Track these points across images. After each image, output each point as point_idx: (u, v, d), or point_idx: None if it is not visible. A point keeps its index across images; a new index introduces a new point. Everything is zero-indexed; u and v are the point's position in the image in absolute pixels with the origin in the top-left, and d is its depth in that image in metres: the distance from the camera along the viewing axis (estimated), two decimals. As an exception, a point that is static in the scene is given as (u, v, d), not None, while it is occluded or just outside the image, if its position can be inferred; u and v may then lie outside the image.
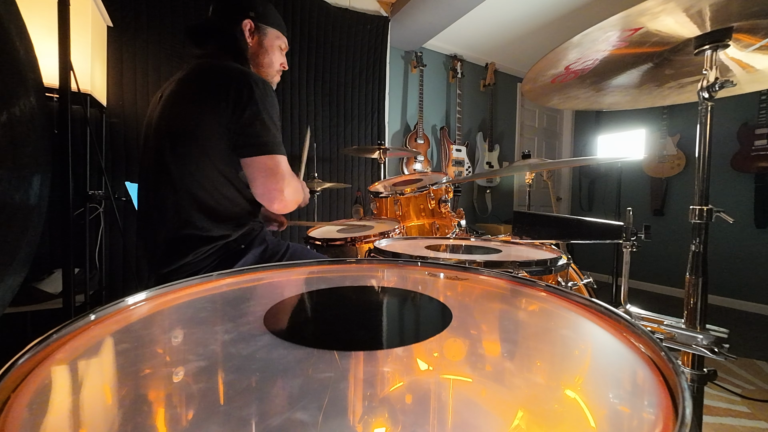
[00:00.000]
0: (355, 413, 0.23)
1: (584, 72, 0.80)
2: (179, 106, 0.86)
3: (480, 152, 3.66)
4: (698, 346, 0.65)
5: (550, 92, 0.90)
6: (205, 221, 0.84)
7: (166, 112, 0.87)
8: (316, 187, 1.94)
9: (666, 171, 3.41)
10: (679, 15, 0.59)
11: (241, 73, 0.84)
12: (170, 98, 0.87)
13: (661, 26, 0.63)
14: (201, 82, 0.85)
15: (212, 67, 0.86)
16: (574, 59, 0.74)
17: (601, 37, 0.66)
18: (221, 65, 0.87)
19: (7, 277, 0.66)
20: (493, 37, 3.35)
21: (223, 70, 0.85)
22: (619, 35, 0.66)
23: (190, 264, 0.84)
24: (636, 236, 0.75)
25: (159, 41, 1.91)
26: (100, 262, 1.70)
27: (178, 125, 0.84)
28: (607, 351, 0.34)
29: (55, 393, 0.26)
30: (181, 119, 0.84)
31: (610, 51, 0.72)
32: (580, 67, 0.77)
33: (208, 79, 0.84)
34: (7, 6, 0.62)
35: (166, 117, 0.86)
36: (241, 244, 0.89)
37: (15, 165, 0.65)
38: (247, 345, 0.32)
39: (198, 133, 0.83)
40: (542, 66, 0.78)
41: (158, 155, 0.86)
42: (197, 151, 0.83)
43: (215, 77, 0.84)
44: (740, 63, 0.75)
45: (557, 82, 0.84)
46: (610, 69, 0.80)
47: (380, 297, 0.50)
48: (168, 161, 0.84)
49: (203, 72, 0.86)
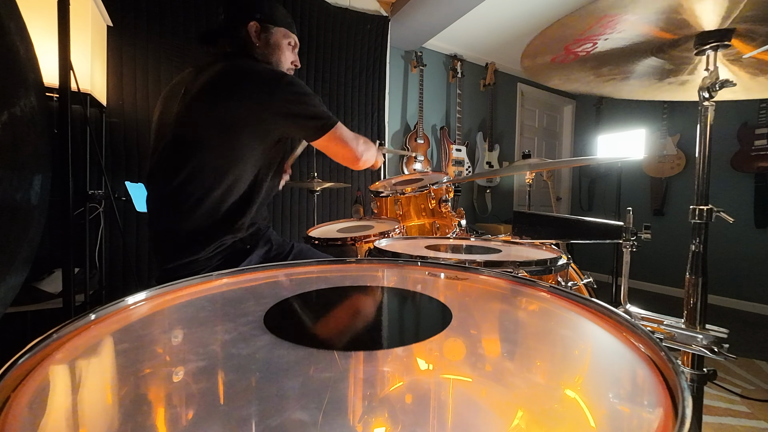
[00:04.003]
0: (355, 413, 0.23)
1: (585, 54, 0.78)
2: (202, 109, 0.86)
3: (480, 152, 3.66)
4: (698, 346, 0.65)
5: (550, 71, 0.88)
6: (215, 221, 0.85)
7: (187, 115, 0.87)
8: (316, 187, 1.94)
9: (666, 171, 3.40)
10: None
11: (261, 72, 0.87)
12: (192, 100, 0.87)
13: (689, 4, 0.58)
14: (230, 80, 0.86)
15: (236, 66, 0.88)
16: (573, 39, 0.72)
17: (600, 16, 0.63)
18: (244, 64, 0.89)
19: (9, 277, 0.66)
20: (493, 37, 3.35)
21: (247, 69, 0.87)
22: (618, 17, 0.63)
23: (196, 261, 0.84)
24: (636, 236, 0.75)
25: (159, 41, 1.91)
26: (100, 262, 1.70)
27: (200, 127, 0.85)
28: (607, 351, 0.34)
29: (55, 392, 0.26)
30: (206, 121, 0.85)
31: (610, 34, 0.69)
32: (580, 49, 0.75)
33: (237, 78, 0.86)
34: (7, 5, 0.62)
35: (188, 119, 0.86)
36: (247, 244, 0.90)
37: (16, 165, 0.65)
38: (247, 345, 0.33)
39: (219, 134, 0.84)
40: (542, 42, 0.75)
41: (171, 153, 0.86)
42: (212, 152, 0.84)
43: (243, 76, 0.86)
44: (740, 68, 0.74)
45: (557, 61, 0.82)
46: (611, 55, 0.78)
47: (380, 297, 0.50)
48: (180, 159, 0.84)
49: (229, 71, 0.87)
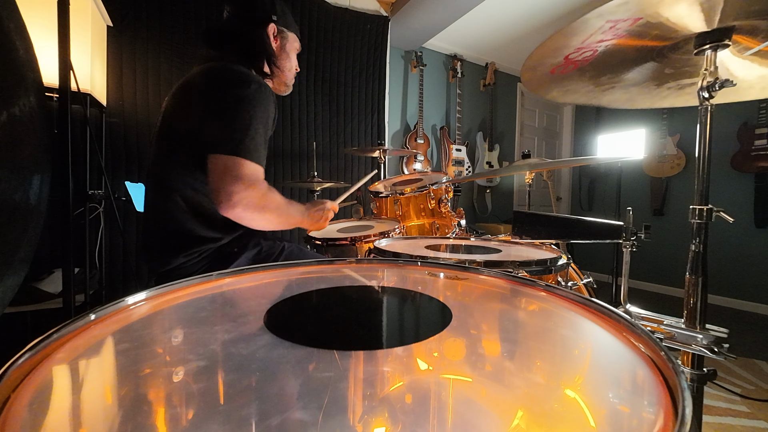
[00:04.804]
0: (355, 413, 0.23)
1: (584, 64, 0.79)
2: (180, 109, 0.86)
3: (480, 152, 3.66)
4: (698, 345, 0.65)
5: (549, 83, 0.89)
6: (197, 224, 0.85)
7: (168, 114, 0.87)
8: (316, 187, 1.93)
9: (666, 171, 3.40)
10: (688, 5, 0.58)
11: (240, 74, 0.83)
12: (172, 101, 0.88)
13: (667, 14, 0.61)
14: (202, 84, 0.85)
15: (214, 69, 0.86)
16: (573, 48, 0.72)
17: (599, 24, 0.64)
18: (225, 67, 0.85)
19: (7, 277, 0.66)
20: (493, 37, 3.35)
21: (222, 72, 0.84)
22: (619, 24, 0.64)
23: (184, 267, 0.84)
24: (636, 236, 0.75)
25: (159, 41, 1.91)
26: (100, 262, 1.70)
27: (177, 128, 0.85)
28: (607, 351, 0.34)
29: (55, 392, 0.26)
30: (181, 122, 0.85)
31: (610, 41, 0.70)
32: (580, 58, 0.76)
33: (208, 82, 0.84)
34: (7, 5, 0.62)
35: (168, 119, 0.87)
36: (234, 247, 0.89)
37: (15, 165, 0.65)
38: (247, 345, 0.32)
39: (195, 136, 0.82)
40: (542, 53, 0.75)
41: (157, 157, 0.87)
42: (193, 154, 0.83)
43: (215, 79, 0.84)
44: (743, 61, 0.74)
45: (557, 72, 0.83)
46: (610, 63, 0.78)
47: (380, 297, 0.50)
48: (164, 162, 0.85)
49: (205, 74, 0.86)
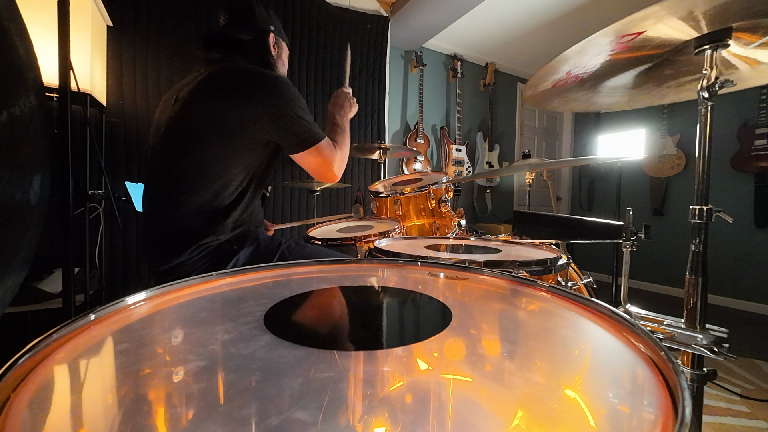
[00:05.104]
0: (355, 413, 0.23)
1: (585, 76, 0.80)
2: (197, 107, 0.87)
3: (480, 152, 3.66)
4: (698, 345, 0.65)
5: (551, 96, 0.91)
6: (200, 223, 0.85)
7: (181, 113, 0.88)
8: (316, 187, 1.94)
9: (666, 171, 3.40)
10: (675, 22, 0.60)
11: (262, 74, 0.87)
12: (188, 99, 0.88)
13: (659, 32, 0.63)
14: (225, 83, 0.87)
15: (235, 68, 0.89)
16: (575, 65, 0.74)
17: (603, 43, 0.66)
18: (244, 67, 0.90)
19: (8, 277, 0.66)
20: (493, 37, 3.35)
21: (246, 72, 0.88)
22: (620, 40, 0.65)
23: (184, 264, 0.85)
24: (636, 236, 0.75)
25: (159, 41, 1.91)
26: (100, 262, 1.70)
27: (192, 126, 0.86)
28: (607, 351, 0.34)
29: (56, 392, 0.26)
30: (198, 120, 0.85)
31: (612, 56, 0.72)
32: (581, 72, 0.77)
33: (233, 81, 0.87)
34: (7, 5, 0.62)
35: (182, 117, 0.87)
36: (234, 244, 0.90)
37: (15, 165, 0.65)
38: (247, 345, 0.32)
39: (210, 135, 0.84)
40: (544, 72, 0.78)
41: (163, 154, 0.88)
42: (203, 152, 0.85)
43: (239, 75, 0.87)
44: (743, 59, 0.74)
45: (558, 86, 0.84)
46: (610, 71, 0.80)
47: (380, 297, 0.50)
48: (174, 165, 0.86)
49: (226, 74, 0.88)
